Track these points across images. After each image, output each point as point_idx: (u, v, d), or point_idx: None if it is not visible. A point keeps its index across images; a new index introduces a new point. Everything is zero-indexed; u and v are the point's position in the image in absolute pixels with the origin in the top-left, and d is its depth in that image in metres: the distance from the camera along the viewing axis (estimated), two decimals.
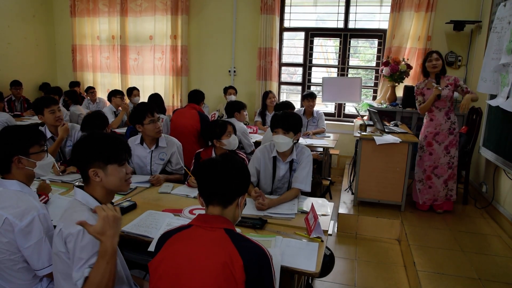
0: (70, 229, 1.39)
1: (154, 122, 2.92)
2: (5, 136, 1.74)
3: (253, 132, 4.80)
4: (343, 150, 5.55)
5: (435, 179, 3.74)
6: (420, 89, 3.73)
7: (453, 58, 5.09)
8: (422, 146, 3.77)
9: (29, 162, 1.75)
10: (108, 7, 6.57)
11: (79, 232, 1.38)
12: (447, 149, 3.68)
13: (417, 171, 3.83)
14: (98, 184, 1.55)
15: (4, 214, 1.58)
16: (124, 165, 1.60)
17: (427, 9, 5.02)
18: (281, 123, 2.53)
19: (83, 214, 1.45)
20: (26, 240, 1.59)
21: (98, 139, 1.58)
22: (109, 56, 6.78)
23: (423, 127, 3.81)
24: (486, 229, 3.54)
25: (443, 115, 3.65)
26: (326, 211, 2.35)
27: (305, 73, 5.98)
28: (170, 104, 6.42)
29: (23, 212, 1.59)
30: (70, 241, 1.39)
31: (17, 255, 1.62)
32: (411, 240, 3.25)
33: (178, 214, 2.22)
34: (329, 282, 2.93)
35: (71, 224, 1.40)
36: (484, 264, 2.91)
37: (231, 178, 1.41)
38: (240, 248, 1.28)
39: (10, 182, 1.71)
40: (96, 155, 1.53)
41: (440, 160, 3.70)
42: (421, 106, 3.71)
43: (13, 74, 6.20)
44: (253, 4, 5.88)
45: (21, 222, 1.58)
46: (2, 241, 1.59)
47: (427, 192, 3.79)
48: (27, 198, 1.67)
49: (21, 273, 1.65)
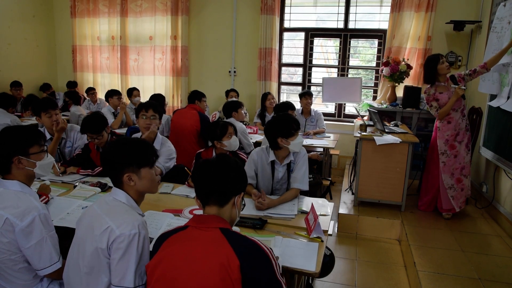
0: (124, 230, 1.43)
1: (146, 118, 3.05)
2: (5, 136, 1.74)
3: (253, 133, 4.80)
4: (343, 150, 5.55)
5: (465, 180, 3.62)
6: (431, 95, 3.57)
7: (453, 58, 5.09)
8: (445, 151, 3.59)
9: (29, 163, 1.76)
10: (108, 7, 6.58)
11: (135, 235, 1.44)
12: (468, 146, 3.60)
13: (445, 178, 3.61)
14: (131, 188, 1.60)
15: (4, 215, 1.58)
16: (153, 167, 1.67)
17: (427, 9, 5.02)
18: (298, 124, 2.60)
19: (136, 217, 1.50)
20: (27, 240, 1.59)
21: (129, 144, 1.63)
22: (109, 56, 6.78)
23: (440, 132, 3.61)
24: (486, 229, 3.54)
25: (459, 115, 3.55)
26: (326, 211, 2.35)
27: (305, 73, 5.98)
28: (170, 104, 6.43)
29: (23, 212, 1.60)
30: (123, 241, 1.42)
31: (17, 255, 1.62)
32: (411, 240, 3.25)
33: (178, 215, 2.22)
34: (329, 282, 2.93)
35: (127, 224, 1.44)
36: (485, 264, 2.91)
37: (226, 176, 1.42)
38: (236, 248, 1.28)
39: (10, 183, 1.71)
40: (130, 160, 1.58)
41: (464, 159, 3.59)
42: (440, 111, 3.53)
43: (14, 75, 6.22)
44: (253, 4, 5.88)
45: (21, 222, 1.58)
46: (3, 241, 1.59)
47: (461, 196, 3.63)
48: (28, 198, 1.67)
49: (22, 273, 1.65)
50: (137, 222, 1.47)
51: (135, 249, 1.43)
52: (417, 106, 4.82)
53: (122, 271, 1.42)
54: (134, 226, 1.44)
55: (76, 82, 6.87)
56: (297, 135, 2.56)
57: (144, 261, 1.46)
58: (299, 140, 2.57)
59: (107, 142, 2.98)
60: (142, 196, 1.69)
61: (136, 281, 1.43)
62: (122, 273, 1.42)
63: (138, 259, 1.44)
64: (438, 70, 3.53)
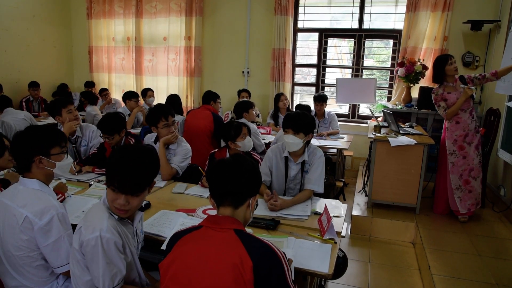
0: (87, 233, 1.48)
1: (168, 126, 2.92)
2: (28, 136, 1.77)
3: (267, 133, 4.80)
4: (357, 152, 5.50)
5: (473, 182, 3.57)
6: (440, 95, 3.55)
7: (471, 58, 5.00)
8: (453, 151, 3.57)
9: (49, 163, 1.78)
10: (123, 9, 6.66)
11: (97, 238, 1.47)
12: (478, 148, 3.55)
13: (453, 179, 3.59)
14: None
15: (24, 213, 1.62)
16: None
17: (443, 9, 4.94)
18: (291, 123, 2.53)
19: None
20: (46, 238, 1.62)
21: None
22: (124, 57, 6.87)
23: (449, 132, 3.59)
24: (504, 233, 3.46)
25: (468, 116, 3.52)
26: (340, 213, 2.33)
27: (319, 74, 5.95)
28: (184, 105, 6.45)
29: (42, 210, 1.63)
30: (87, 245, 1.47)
31: (35, 253, 1.65)
32: (426, 244, 3.20)
33: (192, 214, 2.23)
34: (342, 284, 2.91)
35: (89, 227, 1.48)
36: (502, 269, 2.85)
37: (242, 178, 1.41)
38: (249, 249, 1.28)
39: (30, 181, 1.74)
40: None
41: (473, 161, 3.54)
42: (448, 111, 3.51)
43: (31, 75, 6.34)
44: (267, 5, 5.88)
45: (40, 220, 1.61)
46: (22, 238, 1.62)
47: (468, 198, 3.59)
48: (46, 197, 1.70)
49: (39, 270, 1.68)
50: (98, 226, 1.47)
51: (101, 252, 1.45)
52: (433, 107, 4.71)
53: (93, 273, 1.48)
54: (95, 229, 1.46)
55: (94, 82, 6.97)
56: (287, 133, 2.53)
57: (114, 261, 1.48)
58: (287, 138, 2.52)
59: (119, 143, 2.99)
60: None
61: (105, 284, 1.46)
62: (93, 275, 1.48)
63: (104, 262, 1.45)
64: (446, 71, 3.50)
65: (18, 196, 1.69)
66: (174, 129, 2.96)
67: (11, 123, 4.00)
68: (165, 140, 2.92)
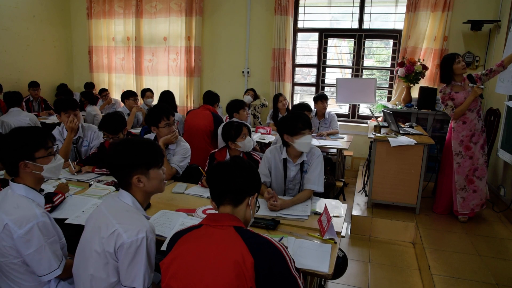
0: (131, 235, 1.45)
1: (170, 125, 2.93)
2: (10, 140, 1.69)
3: (267, 133, 4.80)
4: (357, 152, 5.50)
5: (478, 182, 3.55)
6: (447, 94, 3.51)
7: (471, 58, 5.00)
8: (459, 152, 3.54)
9: (35, 167, 1.71)
10: (123, 9, 6.66)
11: (143, 239, 1.46)
12: (483, 148, 3.53)
13: (458, 179, 3.56)
14: (140, 189, 1.59)
15: (5, 220, 1.58)
16: (161, 167, 1.65)
17: (443, 9, 4.94)
18: (308, 123, 2.56)
19: (143, 222, 1.52)
20: (26, 248, 1.58)
21: (137, 145, 1.59)
22: (124, 57, 6.87)
23: (455, 132, 3.55)
24: (504, 233, 3.46)
25: (475, 115, 3.49)
26: (340, 213, 2.34)
27: (319, 74, 5.95)
28: (184, 105, 6.47)
29: (22, 219, 1.58)
30: (131, 246, 1.44)
31: (19, 260, 1.61)
32: (426, 243, 3.21)
33: (192, 214, 2.24)
34: (342, 284, 2.91)
35: (134, 229, 1.46)
36: (502, 269, 2.85)
37: (240, 175, 1.44)
38: (250, 246, 1.29)
39: (17, 186, 1.69)
40: (139, 161, 1.56)
41: (478, 161, 3.52)
42: (456, 110, 3.47)
43: (31, 75, 6.35)
44: (267, 5, 5.88)
45: (20, 229, 1.56)
46: (4, 245, 1.59)
47: (473, 198, 3.56)
48: (29, 205, 1.64)
49: (28, 276, 1.65)
50: (144, 227, 1.48)
51: (144, 253, 1.46)
52: (433, 107, 4.74)
53: (132, 274, 1.46)
54: (141, 231, 1.46)
55: (93, 84, 6.97)
56: (304, 135, 2.51)
57: (151, 262, 1.51)
58: (306, 140, 2.51)
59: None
60: (148, 197, 1.68)
61: (145, 283, 1.48)
62: (132, 276, 1.47)
63: (146, 262, 1.47)
64: (454, 70, 3.48)
65: (5, 201, 1.65)
66: (174, 129, 2.97)
67: (11, 124, 3.99)
68: (165, 140, 2.92)
